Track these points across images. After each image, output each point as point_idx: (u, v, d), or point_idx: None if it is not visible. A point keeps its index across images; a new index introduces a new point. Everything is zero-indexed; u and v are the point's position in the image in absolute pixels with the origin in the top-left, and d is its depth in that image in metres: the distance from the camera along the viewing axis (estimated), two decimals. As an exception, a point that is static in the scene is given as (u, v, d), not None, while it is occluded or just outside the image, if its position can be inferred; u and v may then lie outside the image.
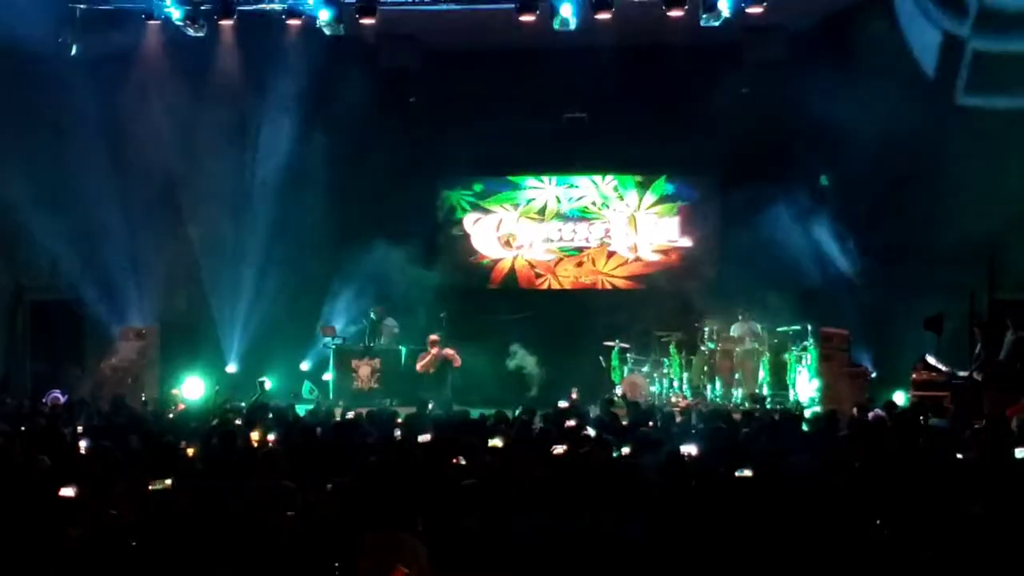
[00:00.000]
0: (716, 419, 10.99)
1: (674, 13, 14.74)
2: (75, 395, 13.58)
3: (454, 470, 7.49)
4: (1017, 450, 7.80)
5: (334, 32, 15.32)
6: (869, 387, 14.42)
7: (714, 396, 15.54)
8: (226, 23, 15.49)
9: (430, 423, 10.37)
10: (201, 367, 15.66)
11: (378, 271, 16.49)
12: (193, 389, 15.19)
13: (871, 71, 14.81)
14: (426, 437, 9.01)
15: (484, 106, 16.35)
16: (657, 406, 13.84)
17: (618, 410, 12.32)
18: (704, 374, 15.85)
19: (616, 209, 17.60)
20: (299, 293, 16.73)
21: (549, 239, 17.73)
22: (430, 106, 16.79)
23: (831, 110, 14.46)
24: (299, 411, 12.16)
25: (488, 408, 13.12)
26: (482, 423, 10.55)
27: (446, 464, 7.72)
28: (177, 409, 13.05)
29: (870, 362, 15.14)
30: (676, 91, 15.67)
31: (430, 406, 12.49)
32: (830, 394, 14.39)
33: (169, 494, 6.70)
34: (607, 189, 17.63)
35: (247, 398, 13.96)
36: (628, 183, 17.58)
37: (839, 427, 10.40)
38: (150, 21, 15.39)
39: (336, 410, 13.02)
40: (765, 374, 15.59)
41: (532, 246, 17.75)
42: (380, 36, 15.98)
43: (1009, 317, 13.39)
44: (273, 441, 9.33)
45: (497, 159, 17.17)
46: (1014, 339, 13.08)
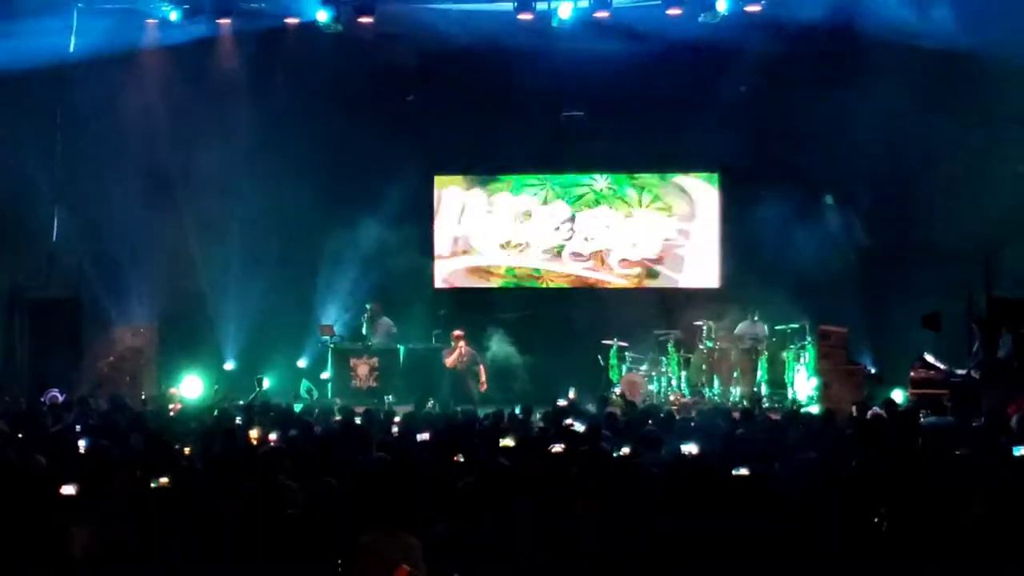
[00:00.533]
0: (714, 417, 11.01)
1: (672, 12, 14.77)
2: (74, 393, 13.56)
3: (455, 469, 7.50)
4: (1016, 448, 7.80)
5: (332, 30, 15.34)
6: (867, 385, 14.44)
7: (712, 395, 15.54)
8: (224, 21, 15.53)
9: (428, 422, 10.38)
10: (199, 365, 15.65)
11: (374, 267, 16.54)
12: (192, 388, 15.18)
13: (871, 69, 14.81)
14: (425, 436, 9.01)
15: (483, 104, 16.32)
16: (655, 405, 13.88)
17: (615, 408, 12.36)
18: (702, 373, 15.85)
19: (615, 208, 17.58)
20: (296, 289, 16.73)
21: (547, 237, 17.71)
22: (427, 104, 16.76)
23: (832, 107, 14.50)
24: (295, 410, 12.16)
25: (485, 407, 13.16)
26: (478, 422, 10.58)
27: (447, 463, 7.72)
28: (175, 408, 13.03)
29: (868, 360, 15.16)
30: (676, 89, 15.64)
31: (429, 404, 12.50)
32: (828, 392, 14.40)
33: (168, 492, 6.70)
34: (605, 188, 17.62)
35: (246, 396, 13.96)
36: (627, 182, 17.56)
37: (837, 425, 10.42)
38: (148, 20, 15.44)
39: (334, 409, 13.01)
40: (763, 372, 15.59)
41: (529, 244, 17.73)
42: (378, 35, 15.96)
43: (1005, 318, 13.43)
44: (274, 440, 9.33)
45: (495, 157, 17.16)
46: (1014, 337, 13.11)
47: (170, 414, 12.24)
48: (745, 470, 7.06)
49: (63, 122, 15.68)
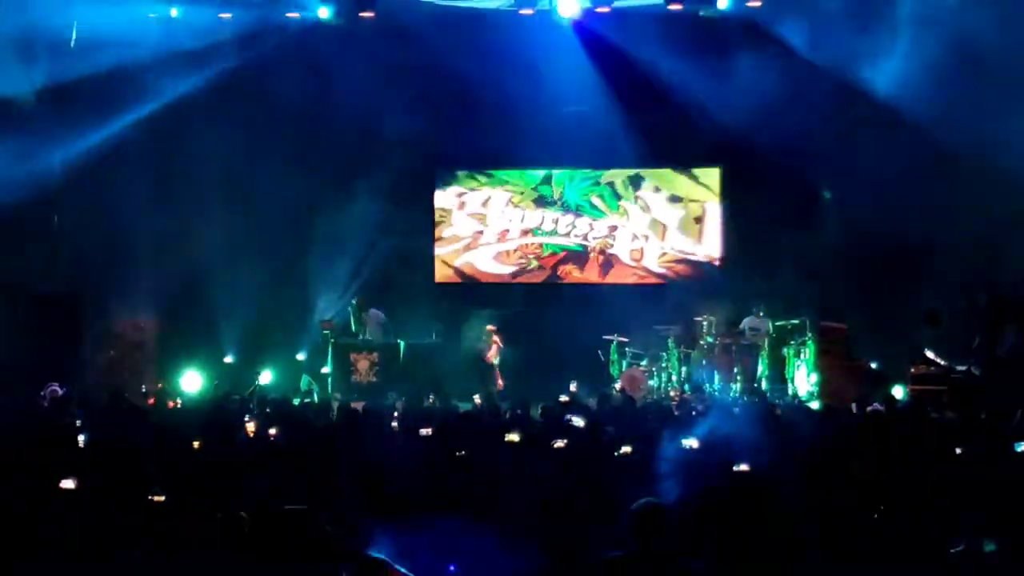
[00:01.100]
0: (715, 412, 11.00)
1: (674, 7, 14.77)
2: (74, 387, 13.53)
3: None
4: (1017, 444, 7.80)
5: (334, 23, 15.36)
6: (867, 381, 14.42)
7: (713, 390, 15.52)
8: (225, 15, 15.52)
9: (428, 416, 10.38)
10: (199, 359, 15.62)
11: (374, 261, 16.58)
12: (191, 382, 15.16)
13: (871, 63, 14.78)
14: (427, 431, 9.02)
15: (484, 99, 16.27)
16: (656, 400, 13.88)
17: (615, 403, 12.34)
18: (703, 368, 15.82)
19: (616, 202, 17.56)
20: (296, 283, 16.74)
21: (547, 233, 17.70)
22: (427, 98, 16.72)
23: (832, 102, 14.48)
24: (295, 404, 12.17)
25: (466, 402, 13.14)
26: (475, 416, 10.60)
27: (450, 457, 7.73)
28: (172, 403, 13.02)
29: (869, 356, 15.13)
30: (678, 84, 15.60)
31: (430, 399, 12.49)
32: (829, 388, 14.39)
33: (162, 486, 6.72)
34: (608, 182, 17.61)
35: (246, 390, 13.94)
36: (629, 176, 17.54)
37: (838, 421, 10.40)
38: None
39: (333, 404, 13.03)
40: (764, 368, 15.58)
41: (529, 239, 17.71)
42: (378, 29, 15.93)
43: (1010, 313, 13.41)
44: (273, 434, 9.33)
45: (496, 152, 17.12)
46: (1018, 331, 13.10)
47: (170, 408, 12.23)
48: (745, 466, 7.06)
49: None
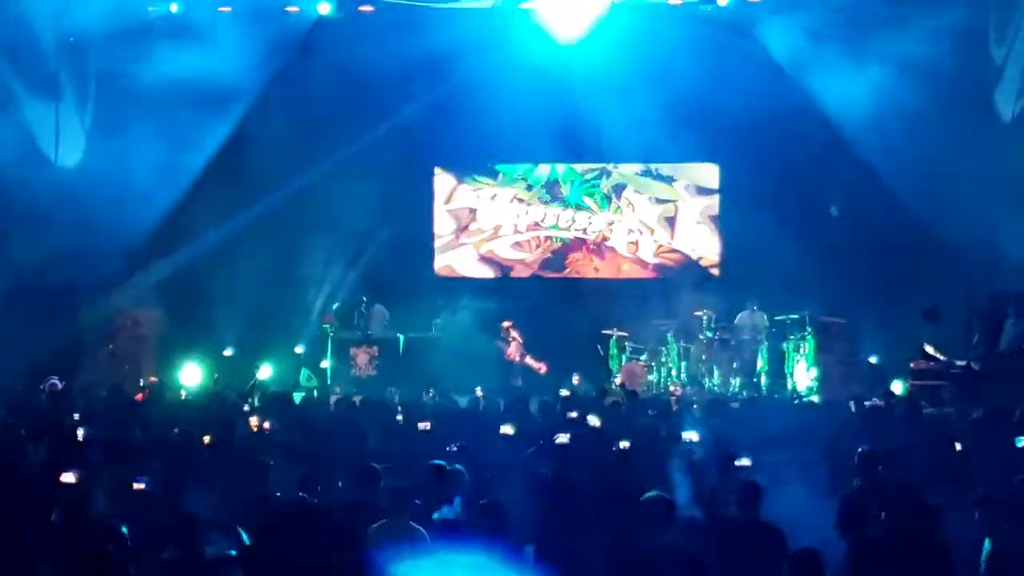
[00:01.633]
0: (715, 407, 11.01)
1: (674, 1, 14.78)
2: (73, 381, 13.53)
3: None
4: (1018, 439, 7.81)
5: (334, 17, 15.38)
6: (867, 376, 14.42)
7: (712, 385, 15.52)
8: (224, 9, 15.50)
9: (429, 411, 10.39)
10: (199, 352, 15.60)
11: (373, 255, 16.59)
12: (191, 376, 15.13)
13: (875, 58, 14.76)
14: (426, 425, 9.02)
15: (485, 94, 16.22)
16: (655, 395, 13.88)
17: (615, 398, 12.35)
18: (702, 363, 15.82)
19: (616, 197, 17.55)
20: (295, 276, 16.74)
21: (547, 227, 17.69)
22: (430, 94, 16.70)
23: (832, 98, 14.46)
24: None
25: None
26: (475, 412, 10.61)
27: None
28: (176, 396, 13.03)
29: (868, 351, 15.13)
30: (678, 80, 15.58)
31: (431, 393, 12.50)
32: (828, 383, 14.39)
33: (161, 480, 6.73)
34: (608, 177, 17.60)
35: (246, 384, 13.93)
36: (628, 172, 17.53)
37: (837, 416, 10.42)
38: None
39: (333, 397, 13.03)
40: (763, 363, 15.57)
41: (527, 234, 17.71)
42: (377, 25, 15.91)
43: (1010, 305, 13.41)
44: (270, 428, 9.35)
45: (497, 147, 17.09)
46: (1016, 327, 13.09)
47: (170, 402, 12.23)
48: (747, 460, 7.06)
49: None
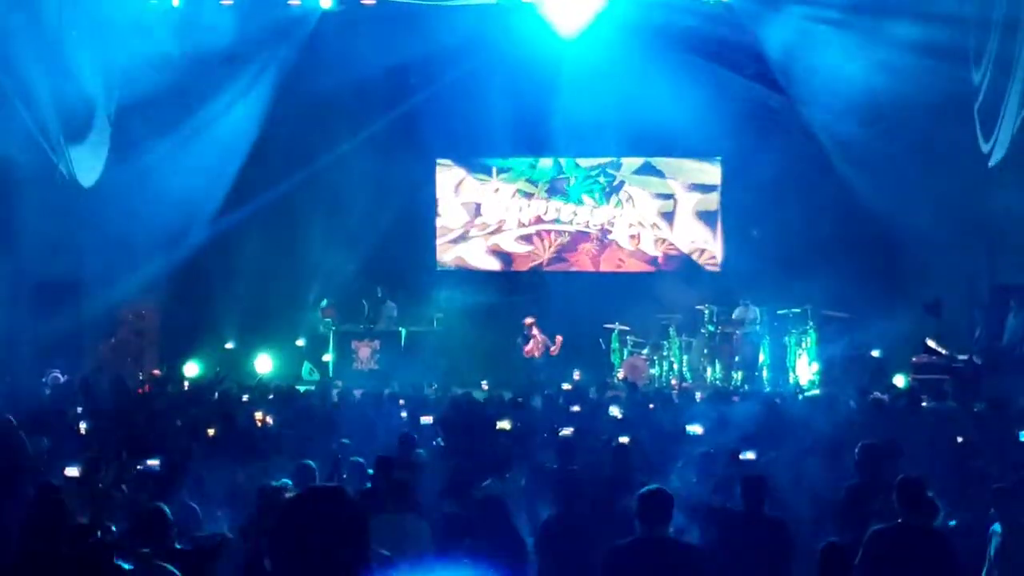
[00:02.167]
0: (717, 401, 11.01)
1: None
2: (75, 374, 13.54)
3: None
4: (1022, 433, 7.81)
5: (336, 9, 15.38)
6: (869, 370, 14.41)
7: (714, 379, 15.52)
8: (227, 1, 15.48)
9: (432, 405, 10.40)
10: (201, 344, 15.61)
11: (375, 248, 16.58)
12: (192, 372, 15.13)
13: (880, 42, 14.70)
14: (428, 419, 9.04)
15: (486, 90, 16.20)
16: (657, 388, 13.88)
17: (617, 392, 12.36)
18: (704, 357, 15.82)
19: (616, 192, 17.55)
20: (297, 270, 16.75)
21: (550, 221, 17.69)
22: (431, 88, 16.68)
23: (832, 92, 14.42)
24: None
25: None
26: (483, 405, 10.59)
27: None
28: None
29: (870, 345, 15.12)
30: (678, 75, 15.55)
31: (432, 387, 12.50)
32: (830, 377, 14.39)
33: (159, 473, 6.73)
34: (609, 172, 17.59)
35: (247, 377, 13.93)
36: (629, 167, 17.53)
37: (839, 410, 10.41)
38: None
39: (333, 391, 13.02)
40: (765, 357, 15.58)
41: (530, 228, 17.71)
42: (377, 20, 15.89)
43: (1012, 299, 13.41)
44: (272, 421, 9.35)
45: (496, 142, 17.06)
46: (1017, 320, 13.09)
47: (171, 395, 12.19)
48: (751, 454, 7.06)
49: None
